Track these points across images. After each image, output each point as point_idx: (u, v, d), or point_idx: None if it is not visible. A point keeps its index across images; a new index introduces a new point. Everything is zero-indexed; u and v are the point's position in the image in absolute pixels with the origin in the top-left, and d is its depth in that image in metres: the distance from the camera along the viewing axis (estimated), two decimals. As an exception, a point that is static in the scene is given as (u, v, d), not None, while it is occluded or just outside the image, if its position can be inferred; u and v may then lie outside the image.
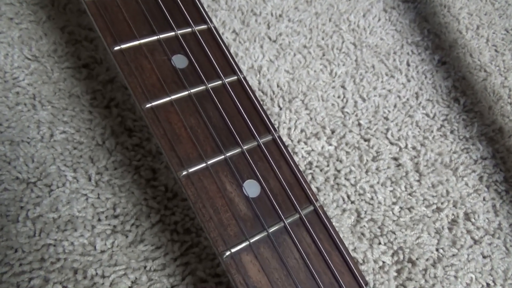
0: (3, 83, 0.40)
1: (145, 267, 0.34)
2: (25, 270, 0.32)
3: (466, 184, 0.46)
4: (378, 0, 0.61)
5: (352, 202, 0.42)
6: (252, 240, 0.23)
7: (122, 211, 0.36)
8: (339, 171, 0.44)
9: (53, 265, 0.32)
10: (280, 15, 0.55)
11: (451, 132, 0.50)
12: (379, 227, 0.41)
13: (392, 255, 0.40)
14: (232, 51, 0.50)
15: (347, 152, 0.45)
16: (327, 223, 0.25)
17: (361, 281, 0.24)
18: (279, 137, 0.27)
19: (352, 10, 0.58)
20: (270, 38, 0.52)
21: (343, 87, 0.50)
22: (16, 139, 0.37)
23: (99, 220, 0.35)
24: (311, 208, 0.25)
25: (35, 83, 0.40)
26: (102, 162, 0.38)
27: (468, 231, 0.43)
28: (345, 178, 0.43)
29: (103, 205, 0.36)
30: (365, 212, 0.41)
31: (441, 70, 0.56)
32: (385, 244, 0.40)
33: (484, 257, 0.42)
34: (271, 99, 0.47)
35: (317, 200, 0.25)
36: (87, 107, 0.40)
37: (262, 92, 0.47)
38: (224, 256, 0.22)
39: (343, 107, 0.49)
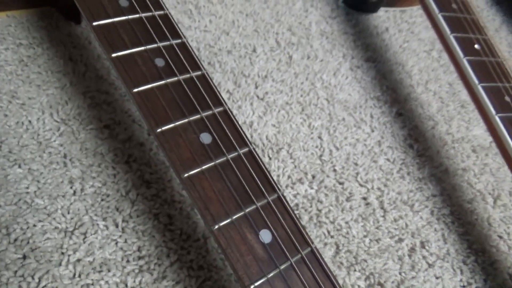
0: (37, 144, 0.46)
1: (168, 299, 0.41)
2: (70, 306, 0.38)
3: (421, 217, 0.57)
4: (345, 61, 0.73)
5: (332, 237, 0.51)
6: (269, 276, 0.31)
7: (146, 252, 0.43)
8: (320, 210, 0.53)
9: (93, 302, 0.39)
10: (266, 76, 0.65)
11: (408, 174, 0.61)
12: (354, 257, 0.50)
13: (365, 280, 0.49)
14: (227, 109, 0.59)
15: (326, 194, 0.55)
16: (321, 260, 0.33)
17: (347, 302, 0.32)
18: (283, 194, 0.36)
19: (324, 70, 0.70)
20: (258, 97, 0.62)
21: (320, 138, 0.61)
22: (54, 194, 0.44)
23: (128, 261, 0.42)
24: (309, 249, 0.34)
25: (64, 143, 0.47)
26: (126, 211, 0.45)
27: (424, 257, 0.53)
28: (325, 217, 0.52)
29: (130, 248, 0.43)
30: (343, 244, 0.51)
31: (398, 121, 0.68)
32: (359, 271, 0.49)
33: (436, 278, 0.52)
34: (262, 150, 0.56)
35: (312, 242, 0.34)
36: (110, 163, 0.48)
37: (254, 144, 0.57)
38: (250, 289, 0.30)
39: (321, 155, 0.59)
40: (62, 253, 0.41)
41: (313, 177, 0.56)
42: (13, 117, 0.48)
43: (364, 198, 0.56)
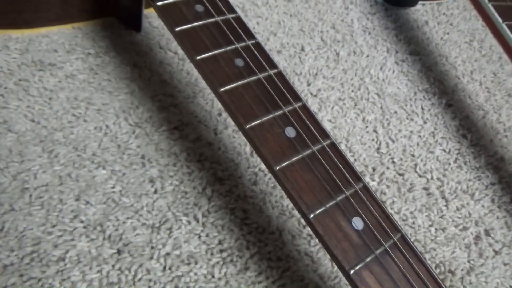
0: (116, 147, 0.49)
1: (252, 289, 0.43)
2: (165, 297, 0.40)
3: (482, 206, 0.57)
4: (390, 55, 0.74)
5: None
6: (366, 260, 0.33)
7: (227, 245, 0.45)
8: (384, 202, 0.54)
9: (186, 292, 0.41)
10: (316, 74, 0.66)
11: (465, 163, 0.61)
12: (422, 246, 0.51)
13: (436, 267, 0.50)
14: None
15: (388, 186, 0.56)
16: (412, 245, 0.35)
17: (441, 283, 0.33)
18: (368, 184, 0.37)
19: (371, 65, 0.71)
20: (311, 94, 0.63)
21: (375, 131, 0.62)
22: (138, 193, 0.46)
23: (212, 254, 0.44)
24: (399, 235, 0.35)
25: (141, 145, 0.50)
26: (204, 207, 0.47)
27: (490, 244, 0.53)
28: (390, 208, 0.54)
29: (212, 241, 0.45)
30: (410, 234, 0.52)
31: (448, 112, 0.68)
32: (429, 259, 0.50)
33: (504, 264, 0.52)
34: (322, 145, 0.58)
35: (401, 229, 0.35)
36: (184, 162, 0.50)
37: (314, 140, 0.58)
38: (351, 273, 0.32)
39: (378, 148, 0.60)
40: (152, 247, 0.43)
41: (374, 169, 0.57)
42: (91, 122, 0.50)
43: (425, 189, 0.57)
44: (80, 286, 0.39)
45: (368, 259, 0.33)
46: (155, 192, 0.47)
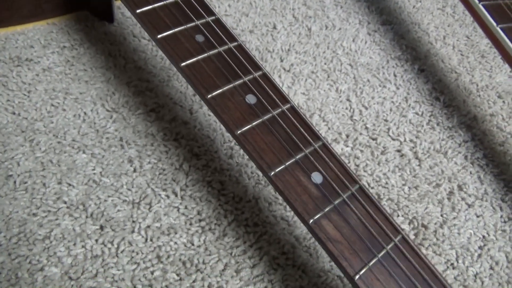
0: (95, 132, 0.51)
1: (231, 253, 0.45)
2: (148, 265, 0.43)
3: (455, 163, 0.59)
4: (362, 26, 0.75)
5: (372, 188, 0.54)
6: (325, 210, 0.35)
7: (206, 215, 0.47)
8: (358, 165, 0.56)
9: (167, 260, 0.43)
10: (289, 49, 0.68)
11: (437, 124, 0.63)
12: (395, 204, 0.53)
13: (409, 223, 0.52)
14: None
15: (361, 150, 0.58)
16: (370, 194, 0.37)
17: (397, 227, 0.36)
18: (327, 142, 0.39)
19: (344, 37, 0.72)
20: (284, 69, 0.65)
21: (348, 100, 0.63)
22: (117, 173, 0.48)
23: (191, 224, 0.46)
24: (358, 186, 0.37)
25: (119, 129, 0.52)
26: (182, 181, 0.49)
27: (463, 198, 0.55)
28: (364, 171, 0.56)
29: (191, 213, 0.47)
30: (383, 194, 0.54)
31: (421, 77, 0.70)
32: (402, 215, 0.52)
33: (477, 216, 0.54)
34: (296, 117, 0.59)
35: (360, 180, 0.37)
36: (161, 141, 0.52)
37: (288, 112, 0.60)
38: (310, 222, 0.34)
39: (352, 116, 0.61)
40: (133, 222, 0.45)
41: (347, 136, 0.59)
42: (70, 110, 0.53)
43: (398, 151, 0.59)
44: (66, 261, 0.42)
45: (327, 209, 0.35)
46: (134, 171, 0.49)
